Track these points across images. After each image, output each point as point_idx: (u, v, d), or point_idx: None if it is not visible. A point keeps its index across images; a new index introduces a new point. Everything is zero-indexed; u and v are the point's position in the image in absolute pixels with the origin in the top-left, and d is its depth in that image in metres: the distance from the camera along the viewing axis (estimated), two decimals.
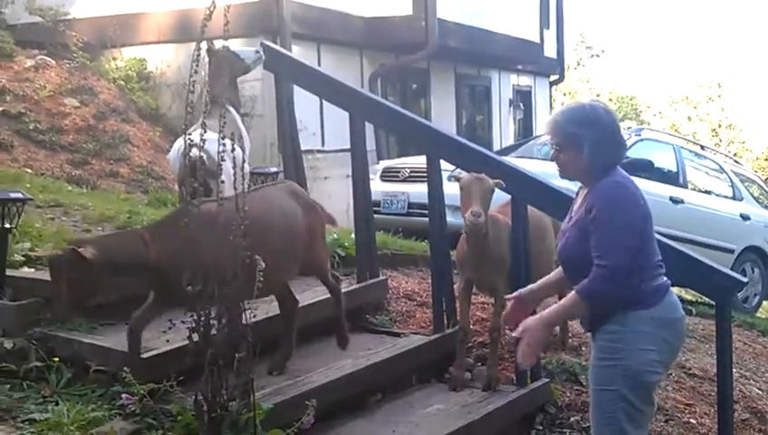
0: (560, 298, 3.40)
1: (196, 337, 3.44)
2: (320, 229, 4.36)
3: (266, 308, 4.35)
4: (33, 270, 4.44)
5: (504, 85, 15.92)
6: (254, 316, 3.46)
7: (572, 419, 4.63)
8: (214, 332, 3.41)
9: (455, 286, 4.98)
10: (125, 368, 3.54)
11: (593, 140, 3.09)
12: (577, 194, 3.34)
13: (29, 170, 7.62)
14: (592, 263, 3.02)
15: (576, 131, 3.10)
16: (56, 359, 3.89)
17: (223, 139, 3.52)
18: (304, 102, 7.00)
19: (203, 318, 3.42)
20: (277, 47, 6.06)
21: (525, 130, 16.41)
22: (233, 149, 3.79)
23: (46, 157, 8.31)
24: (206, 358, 3.35)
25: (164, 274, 3.56)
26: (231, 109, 4.86)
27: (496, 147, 14.05)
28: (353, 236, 5.43)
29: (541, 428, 4.64)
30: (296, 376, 4.18)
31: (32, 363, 3.85)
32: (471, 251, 4.62)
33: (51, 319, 4.01)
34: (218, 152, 3.55)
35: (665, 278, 3.17)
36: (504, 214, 4.69)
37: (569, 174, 3.19)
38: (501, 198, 4.71)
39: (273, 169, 6.01)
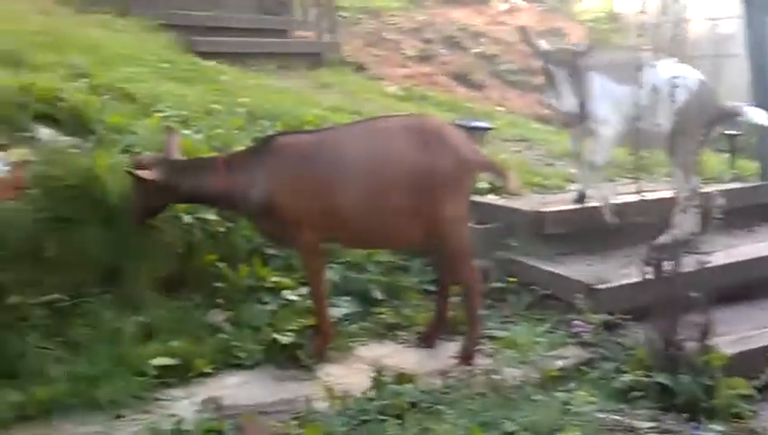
0: None
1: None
2: (453, 183, 3.33)
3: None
4: (497, 197, 4.63)
5: None
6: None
7: None
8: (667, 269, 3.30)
9: None
10: (579, 296, 3.57)
11: None
12: None
13: (500, 108, 7.95)
14: None
15: None
16: (513, 281, 4.05)
17: None
18: None
19: (654, 255, 3.32)
20: None
21: None
22: None
23: (517, 97, 8.60)
24: (660, 296, 3.25)
25: (234, 203, 3.38)
26: None
27: None
28: None
29: None
30: (764, 326, 3.85)
31: (492, 284, 4.04)
32: None
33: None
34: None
35: None
36: None
37: None
38: None
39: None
